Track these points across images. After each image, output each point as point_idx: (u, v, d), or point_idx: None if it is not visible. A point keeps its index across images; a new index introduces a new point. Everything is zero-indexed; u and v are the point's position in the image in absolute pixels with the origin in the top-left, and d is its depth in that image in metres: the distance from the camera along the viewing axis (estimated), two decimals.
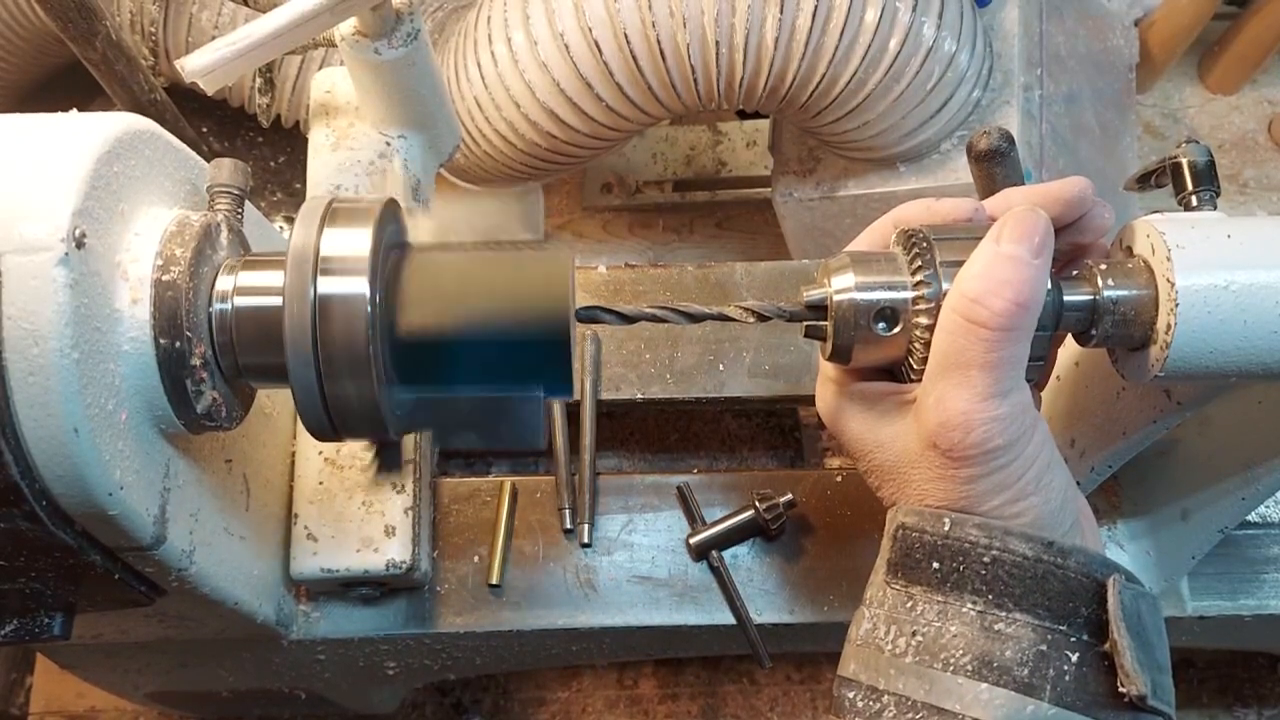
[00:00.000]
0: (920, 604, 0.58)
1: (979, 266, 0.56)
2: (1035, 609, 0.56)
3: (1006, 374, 0.56)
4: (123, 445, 0.56)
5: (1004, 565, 0.56)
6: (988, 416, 0.55)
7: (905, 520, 0.60)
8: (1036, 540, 0.56)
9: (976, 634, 0.56)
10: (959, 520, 0.57)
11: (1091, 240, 0.64)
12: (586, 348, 0.99)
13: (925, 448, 0.58)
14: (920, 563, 0.58)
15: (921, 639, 0.57)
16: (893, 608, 0.59)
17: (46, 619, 0.63)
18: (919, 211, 0.64)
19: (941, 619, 0.57)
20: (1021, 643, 0.55)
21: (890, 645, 0.58)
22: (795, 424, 1.14)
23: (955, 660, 0.56)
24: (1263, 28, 1.71)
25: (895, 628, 0.58)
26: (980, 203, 0.64)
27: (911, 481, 0.60)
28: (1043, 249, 0.56)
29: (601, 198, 1.75)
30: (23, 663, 1.40)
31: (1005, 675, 0.55)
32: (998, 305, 0.55)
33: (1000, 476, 0.57)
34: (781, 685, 1.40)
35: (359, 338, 0.54)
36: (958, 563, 0.57)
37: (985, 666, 0.55)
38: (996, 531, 0.57)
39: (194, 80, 0.72)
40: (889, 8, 1.14)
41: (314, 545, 0.83)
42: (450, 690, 1.41)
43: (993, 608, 0.56)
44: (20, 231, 0.50)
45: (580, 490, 0.95)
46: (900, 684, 0.57)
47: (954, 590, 0.57)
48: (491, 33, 1.24)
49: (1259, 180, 1.78)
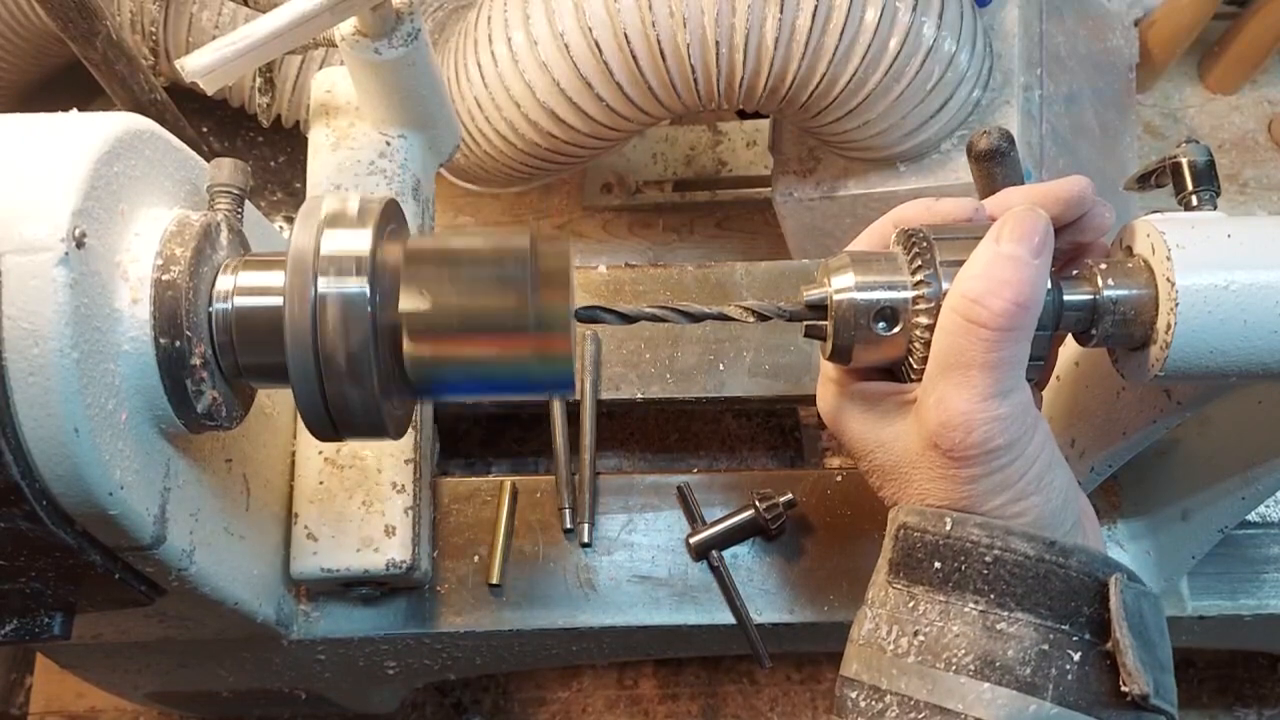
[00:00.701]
0: (922, 604, 0.58)
1: (979, 267, 0.56)
2: (1037, 608, 0.56)
3: (1007, 374, 0.56)
4: (123, 445, 0.56)
5: (1006, 565, 0.56)
6: (989, 416, 0.55)
7: (907, 520, 0.60)
8: (1038, 540, 0.56)
9: (979, 634, 0.56)
10: (960, 520, 0.57)
11: (1091, 240, 0.64)
12: (586, 347, 0.99)
13: (926, 448, 0.58)
14: (922, 562, 0.58)
15: (924, 639, 0.57)
16: (895, 607, 0.59)
17: (46, 619, 0.63)
18: (919, 211, 0.64)
19: (944, 618, 0.57)
20: (1024, 642, 0.55)
21: (893, 645, 0.58)
22: (795, 424, 1.14)
23: (957, 660, 0.55)
24: (1262, 28, 1.71)
25: (897, 627, 0.58)
26: (980, 203, 0.64)
27: (913, 481, 0.60)
28: (1043, 249, 0.56)
29: (601, 198, 1.75)
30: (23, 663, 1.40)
31: (1007, 675, 0.55)
32: (998, 305, 0.55)
33: (1001, 476, 0.57)
34: (781, 685, 1.40)
35: (359, 337, 0.54)
36: (960, 562, 0.57)
37: (987, 666, 0.55)
38: (998, 531, 0.57)
39: (194, 80, 0.72)
40: (889, 8, 1.14)
41: (314, 545, 0.83)
42: (450, 690, 1.41)
43: (995, 607, 0.56)
44: (20, 231, 0.50)
45: (580, 490, 0.95)
46: (903, 684, 0.57)
47: (956, 590, 0.57)
48: (492, 33, 1.24)
49: (1259, 180, 1.78)
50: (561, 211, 1.77)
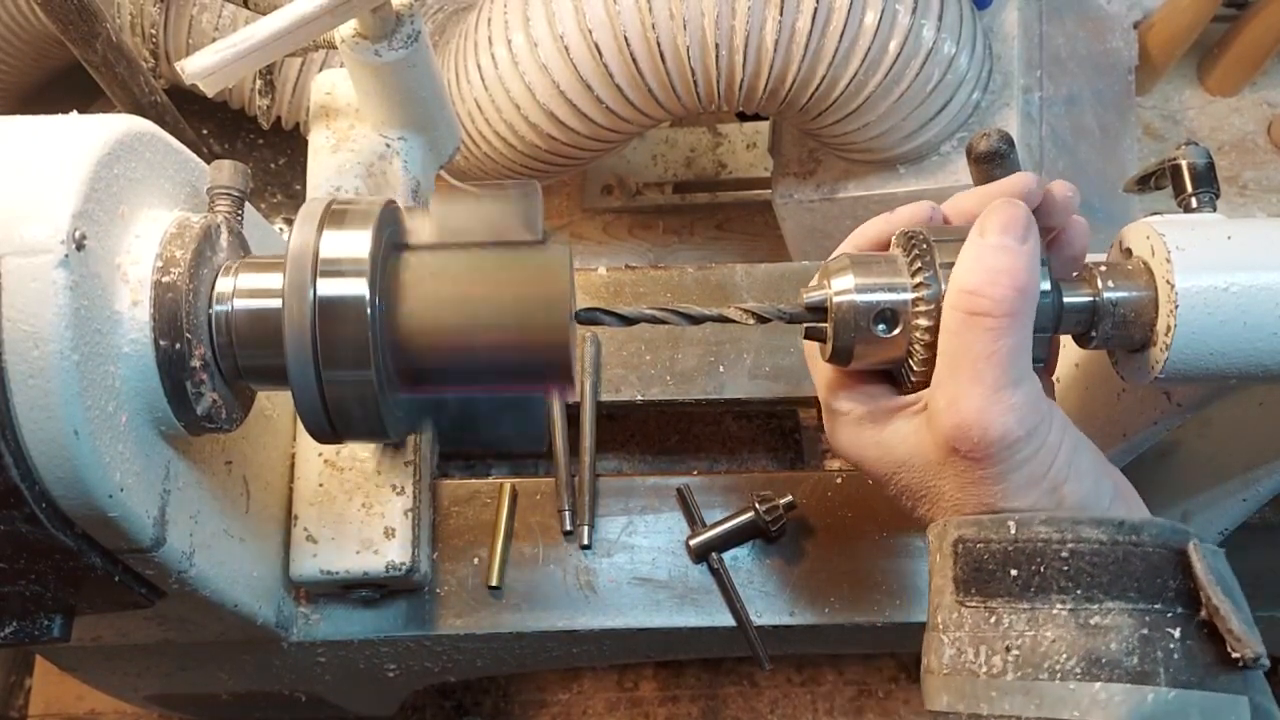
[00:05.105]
0: (1006, 616, 0.55)
1: (970, 261, 0.56)
2: (1126, 593, 0.53)
3: (1014, 363, 0.55)
4: (123, 447, 0.56)
5: (1084, 556, 0.53)
6: (1004, 408, 0.54)
7: (964, 533, 0.57)
8: (1107, 523, 0.54)
9: (1075, 633, 0.53)
10: (1025, 520, 0.55)
11: (1061, 222, 0.63)
12: (587, 349, 0.99)
13: (946, 455, 0.57)
14: (995, 573, 0.55)
15: (1018, 653, 0.54)
16: (975, 627, 0.56)
17: (46, 621, 0.63)
18: (880, 227, 0.64)
19: (1033, 626, 0.54)
20: (1123, 631, 0.52)
21: (985, 667, 0.54)
22: (795, 426, 1.14)
23: (1060, 666, 0.53)
24: (1262, 30, 1.71)
25: (985, 647, 0.55)
26: (935, 205, 0.64)
27: (944, 494, 0.59)
28: (1028, 235, 0.56)
29: (602, 200, 1.75)
30: (22, 665, 1.40)
31: (1116, 669, 0.52)
32: (997, 293, 0.55)
33: (1030, 469, 0.56)
34: (782, 687, 1.40)
35: (359, 339, 0.54)
36: (1036, 564, 0.54)
37: (1094, 665, 0.52)
38: (1065, 523, 0.54)
39: (194, 82, 0.72)
40: (889, 10, 1.14)
41: (314, 547, 0.83)
42: (451, 692, 1.41)
43: (1084, 602, 0.53)
44: (20, 233, 0.50)
45: (580, 492, 0.95)
46: (1006, 705, 0.53)
47: (1040, 594, 0.54)
48: (492, 35, 1.24)
49: (1259, 182, 1.78)
50: (562, 213, 1.77)
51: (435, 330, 0.56)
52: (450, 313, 0.56)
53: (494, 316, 0.55)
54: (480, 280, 0.56)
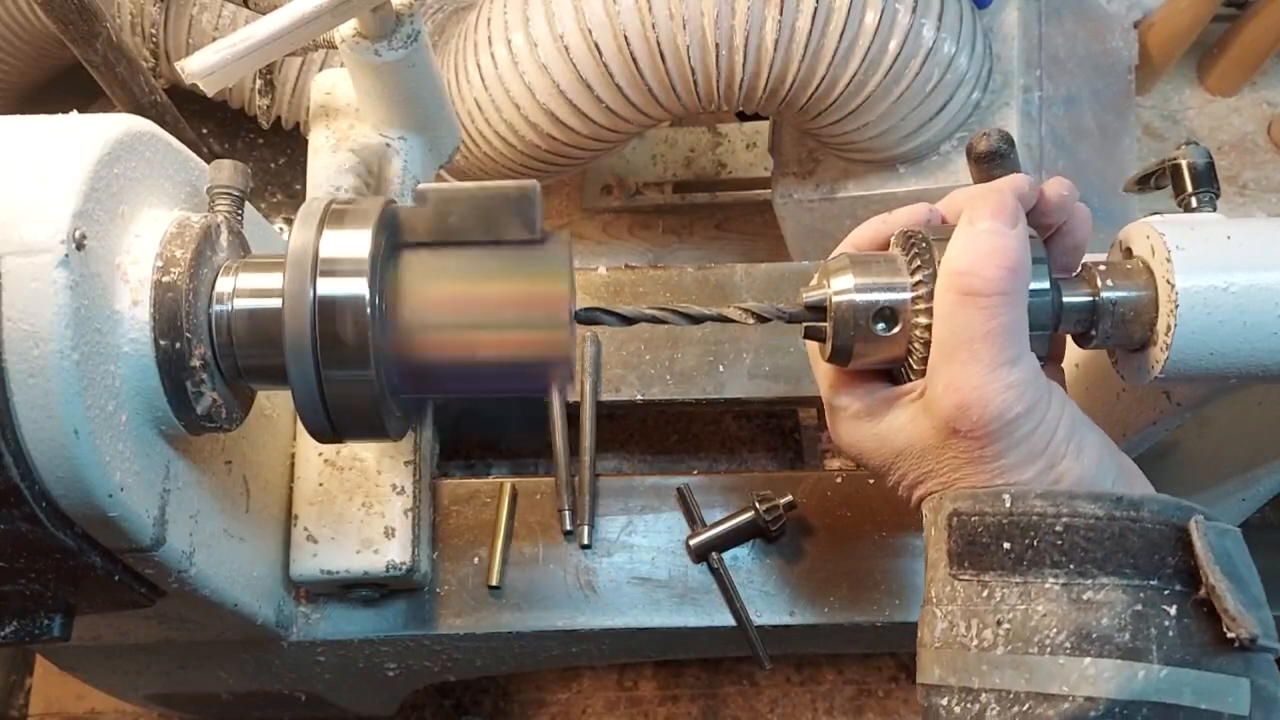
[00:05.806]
0: (998, 590, 0.54)
1: (960, 247, 0.57)
2: (1121, 569, 0.52)
3: (1011, 341, 0.55)
4: (123, 447, 0.56)
5: (1078, 531, 0.53)
6: (1002, 385, 0.54)
7: (959, 506, 0.57)
8: (1105, 497, 0.54)
9: (1066, 608, 0.52)
10: (1020, 494, 0.55)
11: (1055, 219, 0.63)
12: (586, 349, 0.99)
13: (946, 438, 0.57)
14: (989, 547, 0.55)
15: (1009, 626, 0.53)
16: (967, 600, 0.55)
17: (46, 620, 0.63)
18: (877, 227, 0.64)
19: (1025, 600, 0.53)
20: (1115, 607, 0.52)
21: (976, 640, 0.54)
22: (795, 425, 1.14)
23: (1051, 640, 0.52)
24: (1262, 29, 1.72)
25: (977, 620, 0.55)
26: (931, 206, 0.64)
27: (941, 478, 0.59)
28: (1015, 219, 0.57)
29: (601, 199, 1.75)
30: (22, 664, 1.40)
31: (1107, 645, 0.51)
32: (989, 272, 0.55)
33: (1028, 446, 0.55)
34: (782, 687, 1.40)
35: (359, 339, 0.54)
36: (1030, 538, 0.54)
37: (1084, 640, 0.52)
38: (1061, 497, 0.54)
39: (194, 82, 0.72)
40: (888, 10, 1.14)
41: (314, 547, 0.83)
42: (450, 692, 1.41)
43: (1077, 577, 0.53)
44: (21, 233, 0.50)
45: (580, 492, 0.95)
46: (997, 678, 0.53)
47: (1032, 568, 0.54)
48: (491, 34, 1.24)
49: (1258, 182, 1.78)
50: (561, 213, 1.77)
51: (435, 330, 0.56)
52: (450, 312, 0.56)
53: (494, 316, 0.55)
54: (480, 280, 0.56)
